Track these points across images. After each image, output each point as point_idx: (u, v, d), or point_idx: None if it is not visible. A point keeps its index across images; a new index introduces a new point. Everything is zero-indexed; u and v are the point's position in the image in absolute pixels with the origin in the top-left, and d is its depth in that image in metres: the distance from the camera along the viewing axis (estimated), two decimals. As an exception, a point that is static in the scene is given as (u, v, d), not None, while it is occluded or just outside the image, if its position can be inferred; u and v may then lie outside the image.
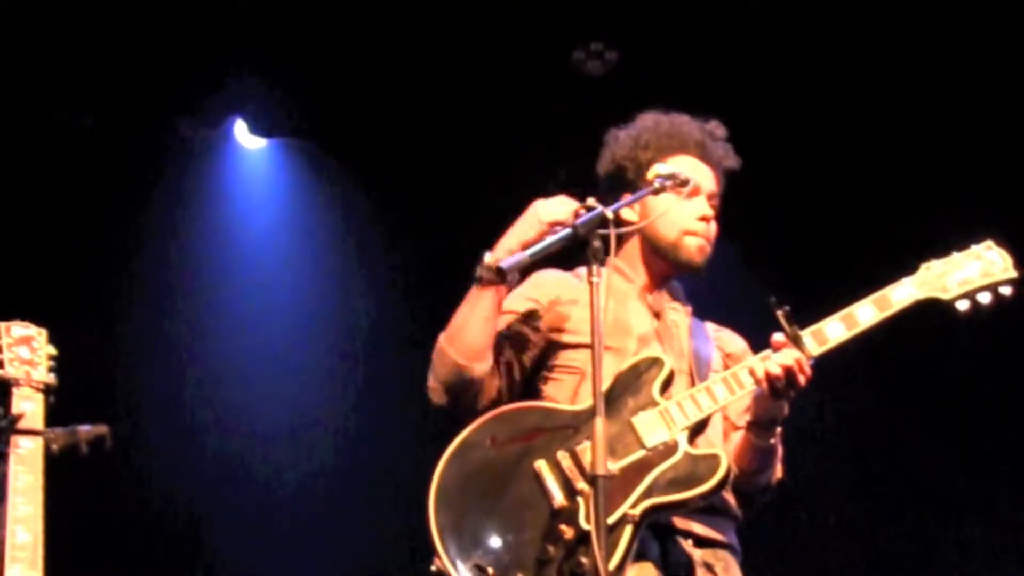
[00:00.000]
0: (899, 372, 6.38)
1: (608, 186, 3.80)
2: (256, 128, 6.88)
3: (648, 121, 3.86)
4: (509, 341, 3.68)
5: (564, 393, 3.65)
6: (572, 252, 3.37)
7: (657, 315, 3.77)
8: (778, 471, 3.75)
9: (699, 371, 3.70)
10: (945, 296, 3.58)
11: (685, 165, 3.75)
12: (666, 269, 3.80)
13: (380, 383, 6.81)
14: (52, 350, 3.39)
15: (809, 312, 3.59)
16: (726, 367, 3.74)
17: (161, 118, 6.55)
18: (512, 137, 6.51)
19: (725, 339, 3.89)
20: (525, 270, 3.51)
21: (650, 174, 3.64)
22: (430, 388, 3.62)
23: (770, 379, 3.45)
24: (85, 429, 3.40)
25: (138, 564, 6.27)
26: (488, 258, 3.51)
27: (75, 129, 6.36)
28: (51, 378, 3.36)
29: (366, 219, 6.89)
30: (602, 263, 3.25)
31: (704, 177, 3.78)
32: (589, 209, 3.36)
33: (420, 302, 6.70)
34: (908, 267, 3.62)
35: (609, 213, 3.32)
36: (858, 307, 3.55)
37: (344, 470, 6.74)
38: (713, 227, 3.79)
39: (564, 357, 3.68)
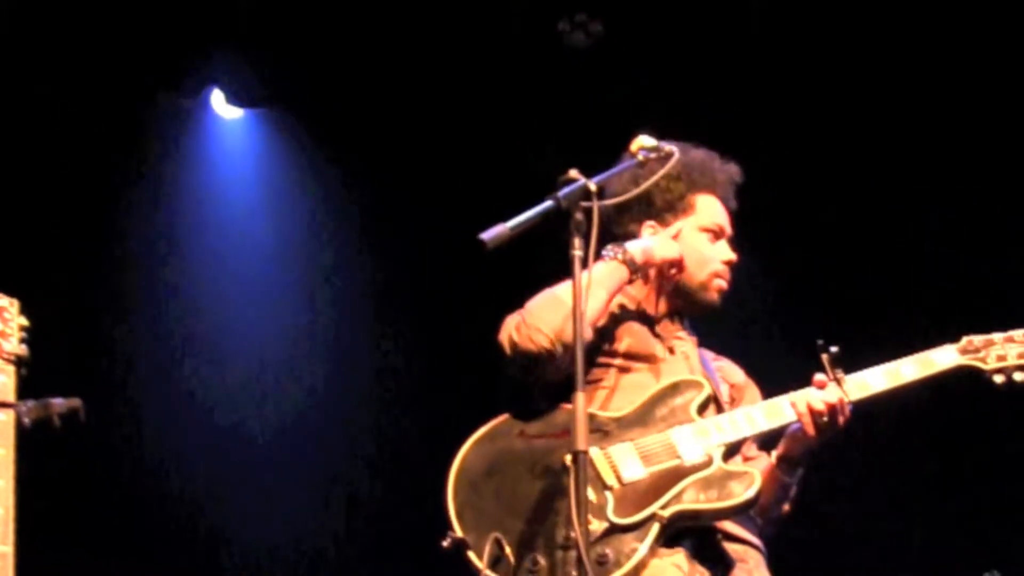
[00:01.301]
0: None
1: (631, 208, 3.78)
2: (233, 98, 6.83)
3: (678, 149, 3.77)
4: None
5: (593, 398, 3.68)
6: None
7: (671, 350, 3.82)
8: (787, 506, 3.81)
9: (720, 399, 3.78)
10: (985, 367, 3.69)
11: (714, 207, 3.87)
12: (682, 306, 3.88)
13: (353, 346, 6.82)
14: (24, 321, 3.33)
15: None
16: (731, 398, 3.84)
17: (139, 88, 6.47)
18: (493, 108, 6.47)
19: (727, 369, 3.96)
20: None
21: (634, 146, 3.62)
22: (534, 332, 3.53)
23: (813, 414, 3.55)
24: (58, 402, 3.35)
25: (111, 537, 6.23)
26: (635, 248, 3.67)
27: (52, 97, 6.29)
28: (23, 350, 3.29)
29: (342, 188, 6.86)
30: (585, 236, 3.24)
31: (727, 220, 3.89)
32: (571, 180, 3.33)
33: (395, 268, 6.73)
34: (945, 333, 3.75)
35: (592, 185, 3.30)
36: (901, 363, 3.66)
37: (317, 426, 6.75)
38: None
39: (592, 372, 3.69)
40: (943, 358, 3.68)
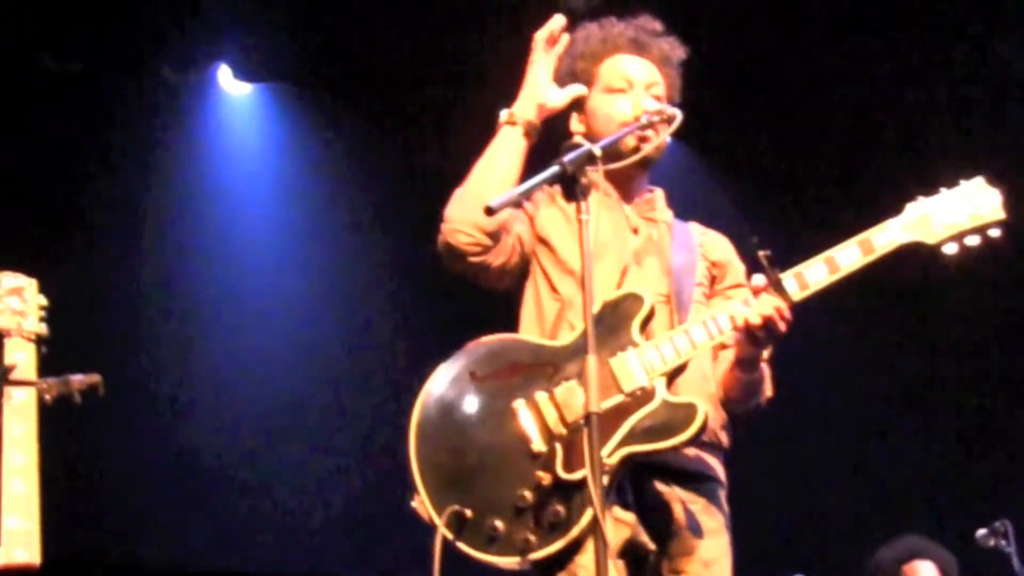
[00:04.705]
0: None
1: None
2: (240, 73, 6.84)
3: (580, 33, 3.78)
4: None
5: (543, 319, 3.56)
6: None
7: (635, 231, 3.66)
8: (767, 390, 3.64)
9: (680, 293, 3.59)
10: (930, 241, 3.43)
11: (616, 66, 3.71)
12: (623, 170, 3.58)
13: (365, 316, 6.89)
14: (43, 300, 3.37)
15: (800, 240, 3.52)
16: (711, 278, 3.69)
17: (145, 63, 6.50)
18: (499, 73, 6.47)
19: (710, 245, 3.77)
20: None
21: (637, 110, 3.60)
22: (448, 230, 3.48)
23: (749, 328, 3.36)
24: (78, 378, 3.38)
25: (134, 509, 6.31)
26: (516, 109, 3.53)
27: (59, 74, 6.30)
28: (42, 328, 3.34)
29: (350, 162, 6.89)
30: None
31: (639, 68, 3.71)
32: (575, 146, 3.29)
33: (402, 243, 6.70)
34: (903, 196, 3.48)
35: (597, 150, 3.25)
36: (841, 249, 3.41)
37: (335, 397, 6.85)
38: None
39: (550, 280, 3.59)
40: (884, 238, 3.42)
